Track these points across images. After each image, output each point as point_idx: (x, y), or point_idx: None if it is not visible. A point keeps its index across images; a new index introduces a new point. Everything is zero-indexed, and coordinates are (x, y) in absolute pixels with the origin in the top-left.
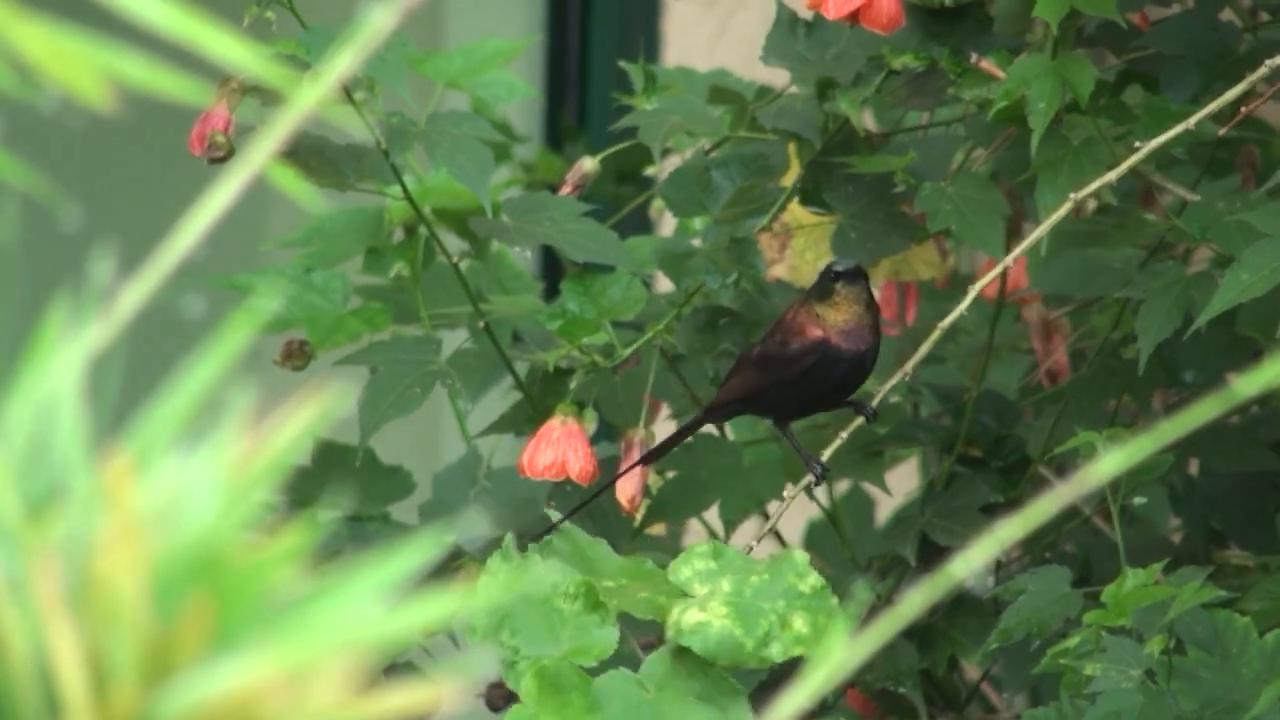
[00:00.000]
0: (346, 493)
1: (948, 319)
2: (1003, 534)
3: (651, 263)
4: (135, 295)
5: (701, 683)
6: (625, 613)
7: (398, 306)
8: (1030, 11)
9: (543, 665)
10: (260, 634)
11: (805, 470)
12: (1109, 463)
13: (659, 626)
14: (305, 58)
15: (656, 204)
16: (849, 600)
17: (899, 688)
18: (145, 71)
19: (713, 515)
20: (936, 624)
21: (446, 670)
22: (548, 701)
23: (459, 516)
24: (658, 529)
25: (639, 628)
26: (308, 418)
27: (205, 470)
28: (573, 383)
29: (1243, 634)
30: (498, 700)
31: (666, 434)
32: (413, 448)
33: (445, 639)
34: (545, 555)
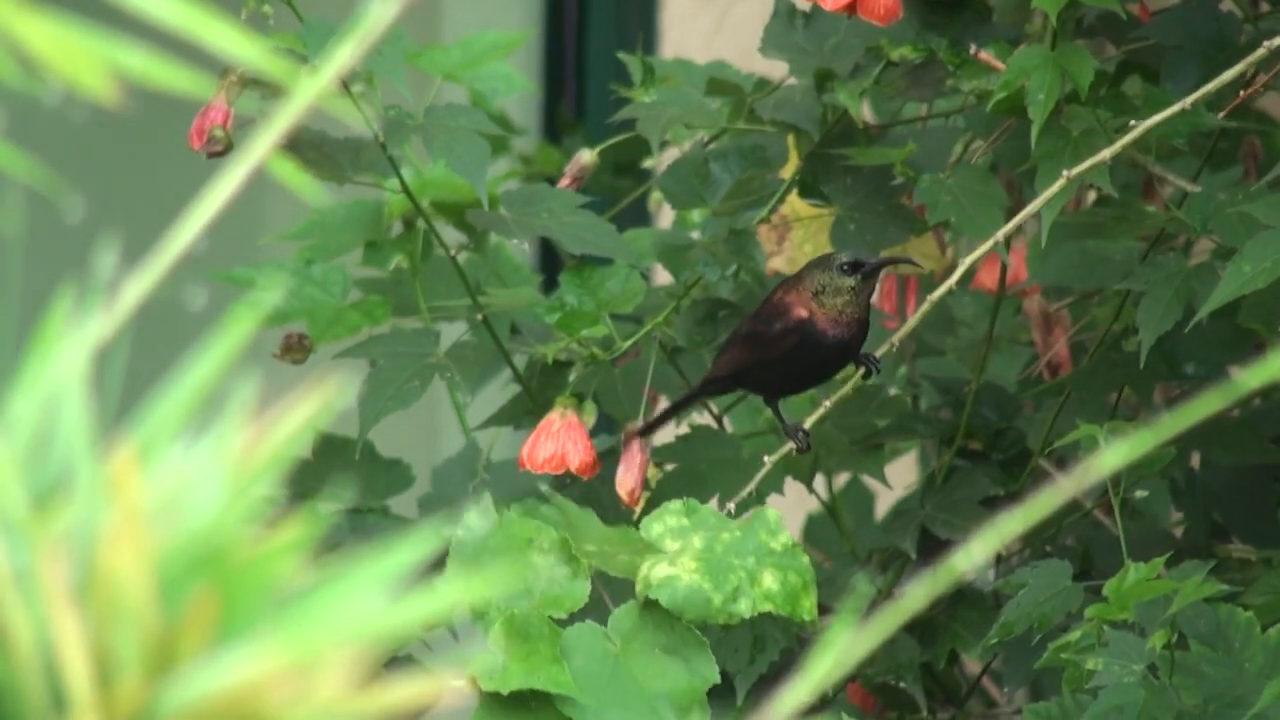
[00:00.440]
0: (347, 485)
1: (937, 292)
2: (1003, 527)
3: (650, 255)
4: (138, 288)
5: (668, 636)
6: (601, 571)
7: (397, 299)
8: (1029, 2)
9: (512, 614)
10: (264, 626)
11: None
12: (1110, 456)
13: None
14: (303, 51)
15: (655, 196)
16: (849, 593)
17: (899, 682)
18: (147, 64)
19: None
20: (937, 618)
21: (446, 663)
22: (515, 649)
23: (458, 509)
24: None
25: (615, 589)
26: (309, 411)
27: (208, 463)
28: (572, 375)
29: (1245, 628)
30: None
31: (665, 427)
32: (412, 441)
33: (445, 632)
34: (527, 514)
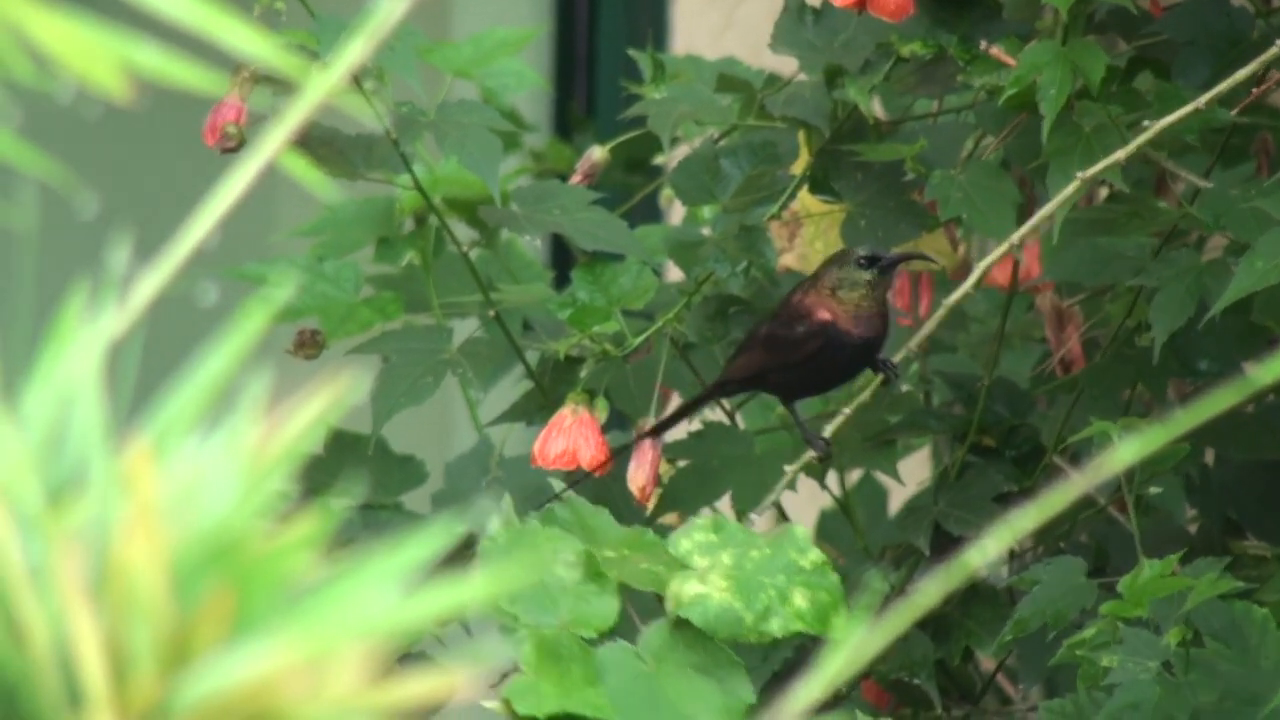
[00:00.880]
0: (359, 481)
1: (954, 295)
2: (1017, 524)
3: (661, 251)
4: (152, 284)
5: (701, 655)
6: (623, 583)
7: (409, 296)
8: None
9: (543, 635)
10: (278, 621)
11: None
12: (1124, 452)
13: (657, 598)
14: (315, 48)
15: (666, 192)
16: (862, 590)
17: (914, 678)
18: (160, 61)
19: (725, 504)
20: (951, 614)
21: (459, 659)
22: (547, 671)
23: (471, 505)
24: (670, 518)
25: (636, 599)
26: (321, 406)
27: (222, 458)
28: (584, 371)
29: (1261, 625)
30: None
31: (679, 427)
32: (424, 437)
33: (458, 628)
34: (547, 523)
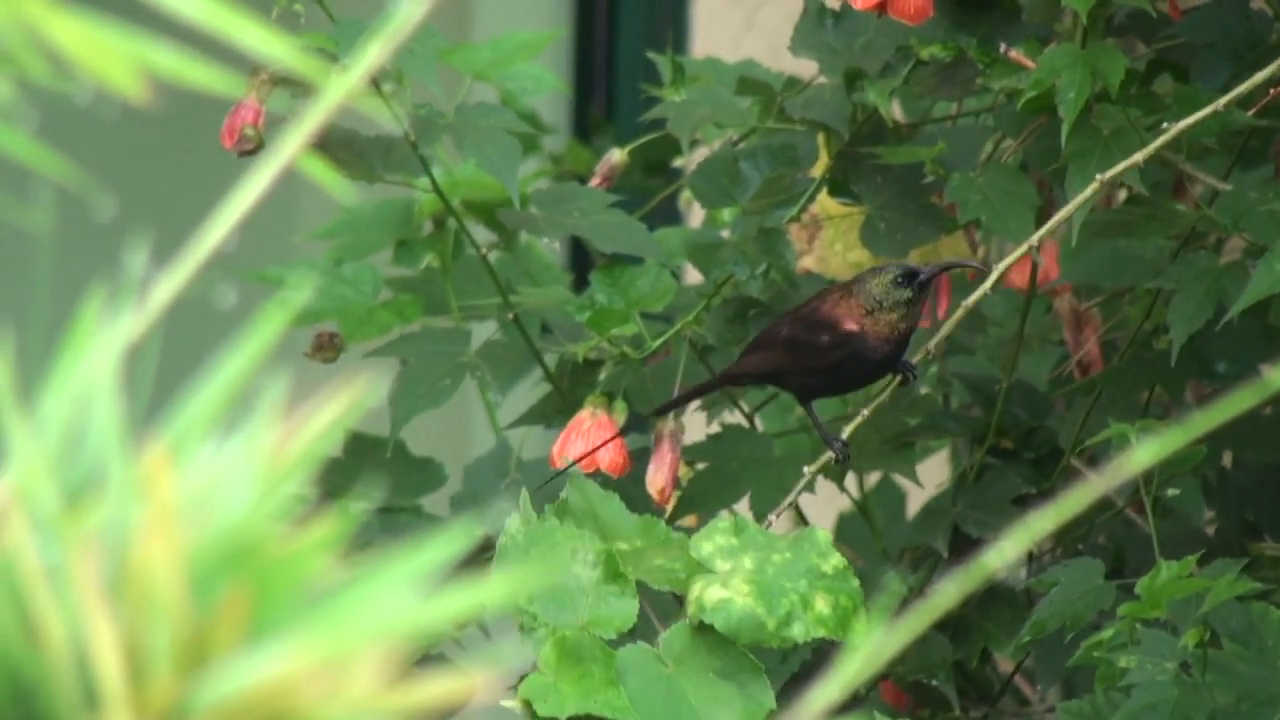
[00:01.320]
0: (378, 484)
1: (972, 297)
2: (1035, 526)
3: (680, 254)
4: (170, 286)
5: (722, 660)
6: (640, 582)
7: (428, 298)
8: (1059, 1)
9: (563, 635)
10: (296, 624)
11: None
12: (1142, 454)
13: (674, 597)
14: (334, 50)
15: (685, 195)
16: (881, 592)
17: (932, 680)
18: (178, 63)
19: (743, 507)
20: (969, 616)
21: (478, 662)
22: (567, 671)
23: (489, 508)
24: (689, 521)
25: (651, 595)
26: (339, 409)
27: (240, 461)
28: (602, 374)
29: (1278, 626)
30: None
31: (696, 426)
32: (443, 439)
33: (477, 631)
34: (561, 516)
